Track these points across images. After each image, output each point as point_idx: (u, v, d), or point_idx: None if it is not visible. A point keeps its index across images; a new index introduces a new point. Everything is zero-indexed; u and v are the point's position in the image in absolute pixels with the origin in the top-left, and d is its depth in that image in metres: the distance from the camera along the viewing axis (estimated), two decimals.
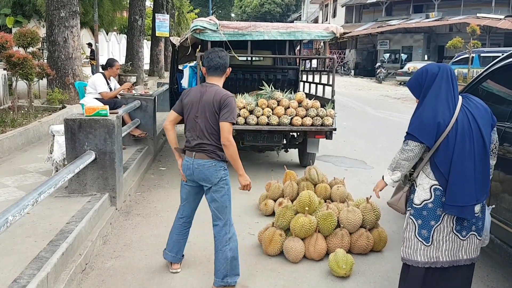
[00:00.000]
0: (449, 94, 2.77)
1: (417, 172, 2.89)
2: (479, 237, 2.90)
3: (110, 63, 7.14)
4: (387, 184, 3.00)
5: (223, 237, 3.35)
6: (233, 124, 3.24)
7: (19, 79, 8.11)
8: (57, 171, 5.05)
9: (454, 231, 2.84)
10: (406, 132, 2.83)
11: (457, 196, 2.73)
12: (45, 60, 10.32)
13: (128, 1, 18.54)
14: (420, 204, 2.85)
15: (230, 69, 3.44)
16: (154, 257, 3.91)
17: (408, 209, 2.95)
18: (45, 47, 11.80)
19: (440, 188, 2.78)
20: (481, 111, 2.80)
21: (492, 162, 2.94)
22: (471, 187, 2.74)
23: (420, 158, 2.85)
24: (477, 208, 2.81)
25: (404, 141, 2.83)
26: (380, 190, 3.08)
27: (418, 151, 2.79)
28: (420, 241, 2.87)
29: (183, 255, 3.75)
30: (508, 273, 3.53)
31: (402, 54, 33.67)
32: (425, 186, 2.83)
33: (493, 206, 3.13)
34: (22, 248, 3.33)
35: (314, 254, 3.89)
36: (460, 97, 2.82)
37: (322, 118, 6.02)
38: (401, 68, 28.26)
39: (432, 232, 2.84)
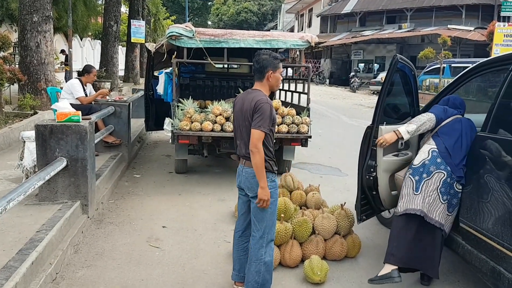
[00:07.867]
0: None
1: (422, 142, 3.80)
2: (448, 212, 3.45)
3: (88, 69, 7.04)
4: (398, 137, 3.68)
5: (258, 251, 3.13)
6: (266, 133, 2.99)
7: None
8: (27, 178, 4.92)
9: (438, 191, 3.43)
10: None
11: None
12: (17, 65, 10.09)
13: (103, 7, 18.32)
14: (418, 164, 3.55)
15: (271, 72, 3.13)
16: (127, 266, 3.84)
17: (408, 170, 3.62)
18: (17, 52, 11.53)
19: (437, 150, 3.50)
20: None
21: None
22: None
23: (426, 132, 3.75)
24: (458, 185, 3.44)
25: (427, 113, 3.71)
26: (386, 144, 3.71)
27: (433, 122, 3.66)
28: (415, 193, 3.49)
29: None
30: (478, 279, 3.61)
31: (375, 64, 34.26)
32: (425, 150, 3.59)
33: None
34: None
35: (289, 261, 3.90)
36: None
37: (297, 126, 6.06)
38: (374, 77, 28.75)
39: (422, 183, 3.48)
